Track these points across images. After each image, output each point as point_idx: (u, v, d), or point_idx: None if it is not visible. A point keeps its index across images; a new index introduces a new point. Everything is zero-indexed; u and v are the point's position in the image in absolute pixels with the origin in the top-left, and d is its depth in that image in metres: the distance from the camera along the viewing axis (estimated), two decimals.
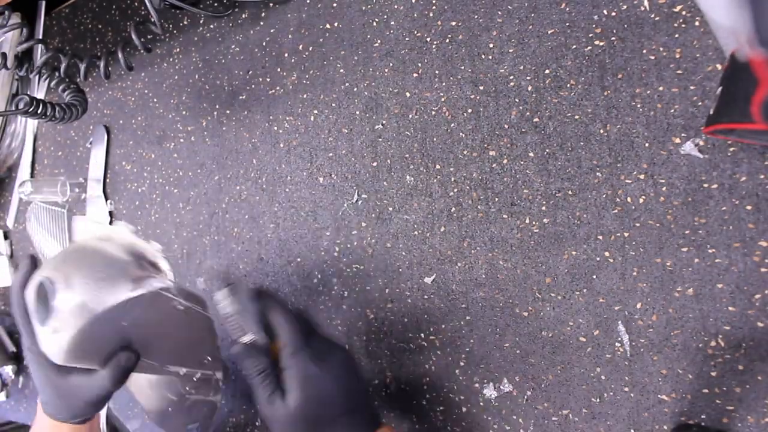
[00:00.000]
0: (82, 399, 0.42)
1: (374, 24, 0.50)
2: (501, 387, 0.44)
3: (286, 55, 0.56)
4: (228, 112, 0.60)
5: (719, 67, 0.37)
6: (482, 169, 0.45)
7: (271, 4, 0.57)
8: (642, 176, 0.39)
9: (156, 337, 0.43)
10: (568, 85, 0.41)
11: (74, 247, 0.43)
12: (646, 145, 0.39)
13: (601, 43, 0.40)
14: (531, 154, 0.43)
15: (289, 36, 0.56)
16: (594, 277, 0.41)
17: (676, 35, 0.38)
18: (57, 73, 0.59)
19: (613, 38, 0.40)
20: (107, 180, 0.71)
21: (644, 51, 0.39)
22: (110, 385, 0.40)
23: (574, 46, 0.41)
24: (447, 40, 0.47)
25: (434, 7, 0.47)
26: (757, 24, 0.21)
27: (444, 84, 0.47)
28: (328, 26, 0.53)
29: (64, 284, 0.39)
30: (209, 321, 0.46)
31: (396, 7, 0.49)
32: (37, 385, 0.44)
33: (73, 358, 0.40)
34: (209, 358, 0.47)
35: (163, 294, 0.41)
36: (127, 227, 0.44)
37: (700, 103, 0.37)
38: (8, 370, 0.82)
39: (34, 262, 0.43)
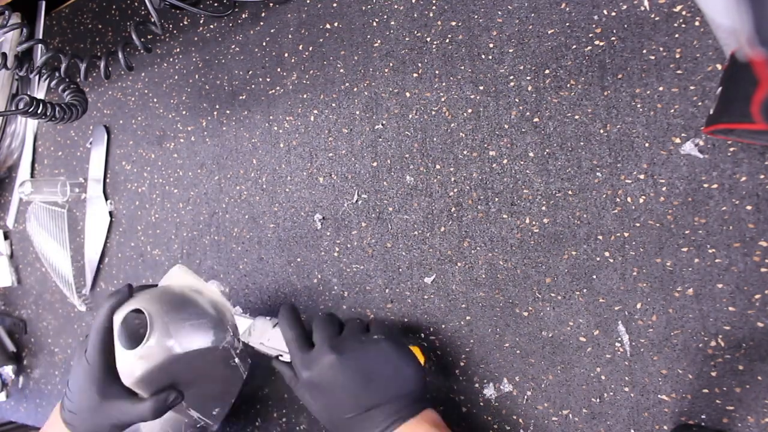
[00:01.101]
0: (114, 421, 0.44)
1: (374, 24, 0.50)
2: (501, 387, 0.44)
3: (286, 55, 0.56)
4: (228, 112, 0.60)
5: (719, 67, 0.37)
6: (482, 169, 0.45)
7: (271, 4, 0.57)
8: (642, 176, 0.39)
9: (201, 385, 0.47)
10: (568, 85, 0.41)
11: (172, 291, 0.48)
12: (646, 145, 0.39)
13: (601, 43, 0.40)
14: (531, 154, 0.43)
15: (289, 36, 0.56)
16: (594, 277, 0.41)
17: (676, 35, 0.38)
18: (57, 73, 0.59)
19: (613, 38, 0.40)
20: (107, 180, 0.71)
21: (644, 51, 0.39)
22: (150, 416, 0.43)
23: (574, 46, 0.41)
24: (447, 40, 0.47)
25: (434, 7, 0.47)
26: (757, 24, 0.21)
27: (444, 84, 0.47)
28: (328, 26, 0.53)
29: (160, 321, 0.43)
30: (242, 380, 0.51)
31: (396, 7, 0.49)
32: (73, 393, 0.45)
33: (138, 384, 0.44)
34: (218, 410, 0.51)
35: (229, 351, 0.47)
36: (220, 287, 0.49)
37: (700, 103, 0.37)
38: (8, 370, 0.82)
39: (131, 292, 0.47)
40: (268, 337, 0.46)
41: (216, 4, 0.60)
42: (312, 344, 0.42)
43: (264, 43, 0.57)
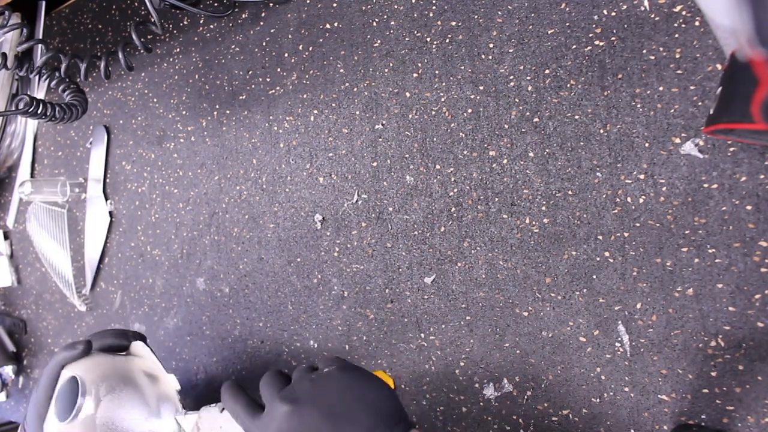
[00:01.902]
0: None
1: (374, 24, 0.50)
2: (501, 387, 0.44)
3: (286, 55, 0.56)
4: (228, 112, 0.60)
5: (719, 67, 0.37)
6: (482, 169, 0.45)
7: (271, 4, 0.57)
8: (642, 176, 0.39)
9: None
10: (568, 85, 0.41)
11: (126, 371, 0.47)
12: (646, 145, 0.39)
13: (601, 43, 0.40)
14: (531, 154, 0.43)
15: (289, 36, 0.56)
16: (594, 277, 0.41)
17: (676, 35, 0.38)
18: (57, 73, 0.59)
19: (613, 38, 0.40)
20: (107, 180, 0.71)
21: (644, 51, 0.39)
22: None
23: (574, 46, 0.41)
24: (447, 40, 0.47)
25: (434, 7, 0.47)
26: (757, 24, 0.21)
27: (444, 84, 0.47)
28: (328, 26, 0.53)
29: (95, 402, 0.43)
30: None
31: (396, 7, 0.49)
32: (28, 416, 0.46)
33: None
34: None
35: None
36: (176, 383, 0.48)
37: (700, 103, 0.37)
38: (8, 370, 0.82)
39: (89, 348, 0.47)
40: (220, 425, 0.43)
41: (216, 4, 0.60)
42: (263, 408, 0.38)
43: (264, 43, 0.57)
